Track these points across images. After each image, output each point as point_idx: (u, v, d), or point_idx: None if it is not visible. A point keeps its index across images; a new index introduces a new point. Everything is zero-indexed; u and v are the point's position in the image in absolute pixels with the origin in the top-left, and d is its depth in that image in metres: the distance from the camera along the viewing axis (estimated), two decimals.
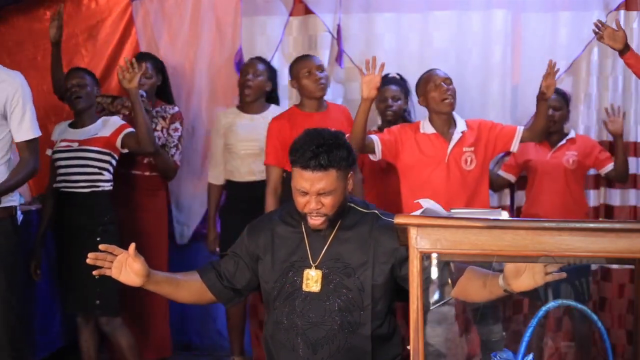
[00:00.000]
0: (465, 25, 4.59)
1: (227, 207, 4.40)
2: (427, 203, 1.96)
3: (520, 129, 3.91)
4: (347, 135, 2.65)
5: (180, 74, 4.77)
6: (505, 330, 3.91)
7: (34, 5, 4.73)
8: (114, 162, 4.04)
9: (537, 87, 4.42)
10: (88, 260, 2.44)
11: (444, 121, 3.86)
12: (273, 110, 4.36)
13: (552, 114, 4.15)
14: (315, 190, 2.46)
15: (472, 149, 3.84)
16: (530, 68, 4.52)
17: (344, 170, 2.50)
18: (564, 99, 4.29)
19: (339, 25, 4.63)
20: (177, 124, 4.38)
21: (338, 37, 4.63)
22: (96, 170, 3.98)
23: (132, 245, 2.44)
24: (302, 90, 4.01)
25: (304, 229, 2.58)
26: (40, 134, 3.48)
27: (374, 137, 3.86)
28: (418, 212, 1.93)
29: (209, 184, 4.49)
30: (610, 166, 4.24)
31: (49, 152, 4.07)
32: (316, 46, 4.61)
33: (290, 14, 4.69)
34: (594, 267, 4.40)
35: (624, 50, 3.77)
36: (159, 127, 4.33)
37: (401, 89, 4.31)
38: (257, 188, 4.17)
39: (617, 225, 1.76)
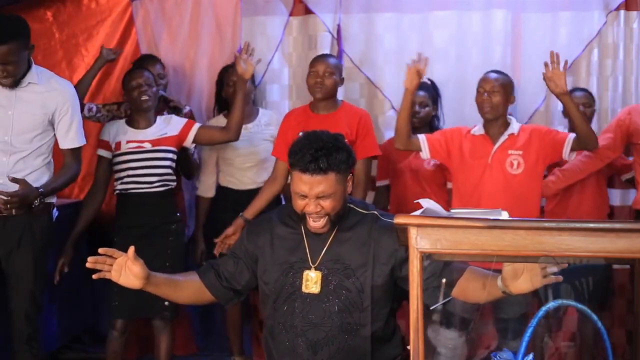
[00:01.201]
0: (465, 25, 4.59)
1: (225, 210, 4.30)
2: (427, 203, 1.96)
3: (571, 137, 3.78)
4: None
5: (180, 74, 4.77)
6: (505, 333, 3.90)
7: (34, 5, 4.73)
8: (175, 157, 4.05)
9: (537, 87, 4.45)
10: (88, 265, 2.44)
11: (494, 124, 3.81)
12: (263, 114, 4.39)
13: (583, 110, 4.02)
14: (314, 194, 2.46)
15: (520, 152, 3.76)
16: (530, 68, 4.52)
17: (344, 173, 2.50)
18: (592, 96, 4.24)
19: (339, 25, 4.63)
20: None
21: (338, 37, 4.63)
22: (169, 170, 4.00)
23: (132, 248, 2.44)
24: (308, 89, 4.00)
25: (303, 230, 2.58)
26: (85, 142, 3.66)
27: (420, 136, 3.89)
28: (418, 212, 1.93)
29: (198, 196, 4.46)
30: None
31: (102, 152, 4.01)
32: (316, 46, 4.61)
33: (290, 14, 4.69)
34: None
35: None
36: None
37: (429, 95, 4.27)
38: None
39: (617, 225, 1.77)
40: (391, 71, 4.56)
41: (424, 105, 4.24)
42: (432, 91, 4.31)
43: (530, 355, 1.89)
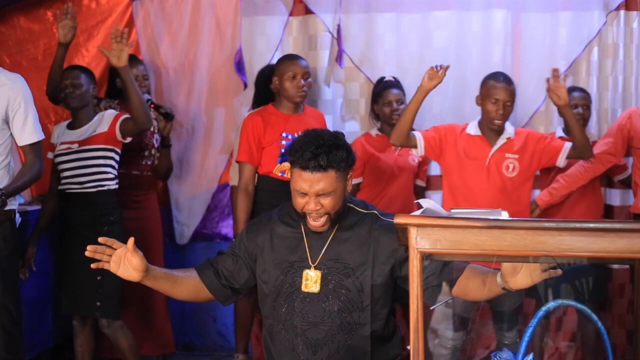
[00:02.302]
0: (465, 25, 4.58)
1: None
2: (427, 203, 1.96)
3: (567, 146, 3.86)
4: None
5: (180, 74, 4.77)
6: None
7: (34, 5, 4.73)
8: (116, 157, 4.00)
9: (537, 87, 4.45)
10: (87, 253, 2.44)
11: (492, 127, 3.85)
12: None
13: (582, 112, 4.12)
14: (314, 191, 2.46)
15: (516, 156, 3.82)
16: (530, 68, 4.52)
17: (344, 171, 2.50)
18: (589, 95, 4.26)
19: (339, 25, 4.62)
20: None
21: (338, 37, 4.63)
22: (100, 169, 3.96)
23: (131, 240, 2.44)
24: (282, 92, 3.98)
25: (303, 230, 2.58)
26: (43, 136, 3.49)
27: (417, 133, 3.89)
28: (418, 212, 1.93)
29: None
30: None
31: (50, 155, 4.03)
32: (316, 46, 4.61)
33: (290, 14, 4.68)
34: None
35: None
36: (155, 129, 4.34)
37: (402, 91, 4.31)
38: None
39: (617, 225, 1.77)
40: (391, 71, 4.55)
41: (400, 103, 4.26)
42: (402, 87, 4.32)
43: (530, 355, 1.89)
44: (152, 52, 4.71)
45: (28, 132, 3.38)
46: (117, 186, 4.02)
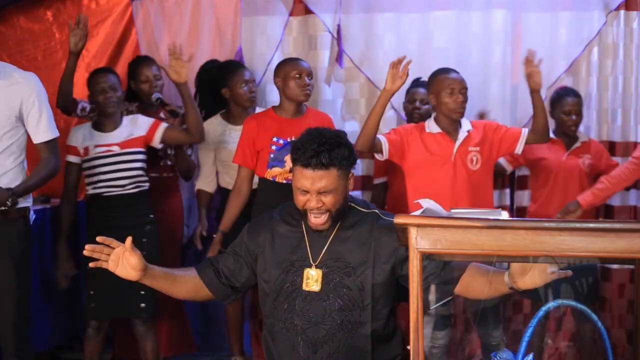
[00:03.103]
0: (465, 25, 4.58)
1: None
2: (427, 203, 1.96)
3: (525, 132, 3.91)
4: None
5: None
6: (505, 333, 3.91)
7: (34, 5, 4.73)
8: (145, 157, 4.04)
9: None
10: (85, 252, 2.44)
11: (451, 121, 3.87)
12: None
13: (575, 119, 4.17)
14: (316, 189, 2.46)
15: (478, 148, 3.85)
16: None
17: (345, 169, 2.50)
18: (582, 100, 4.27)
19: (339, 25, 4.62)
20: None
21: (338, 37, 4.63)
22: (140, 171, 3.99)
23: (129, 239, 2.44)
24: (287, 92, 3.95)
25: (304, 228, 2.58)
26: (58, 134, 3.51)
27: (381, 137, 3.87)
28: (418, 212, 1.93)
29: (199, 190, 4.43)
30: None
31: (71, 158, 3.97)
32: (316, 46, 4.61)
33: (290, 14, 4.68)
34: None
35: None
36: None
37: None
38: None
39: (617, 225, 1.77)
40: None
41: (425, 103, 4.28)
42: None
43: (530, 355, 1.89)
44: (152, 52, 4.70)
45: (43, 129, 3.41)
46: (149, 185, 4.06)
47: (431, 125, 3.89)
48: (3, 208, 3.29)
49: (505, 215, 1.92)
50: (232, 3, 4.70)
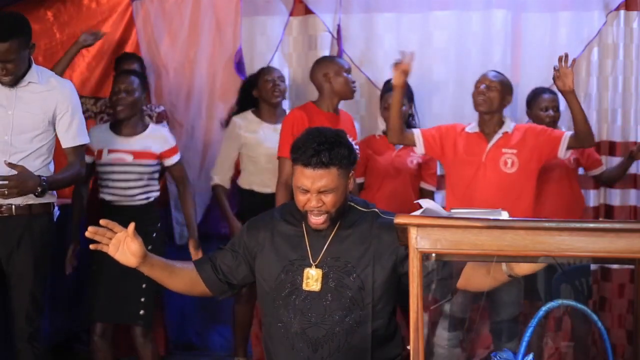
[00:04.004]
0: (465, 25, 4.59)
1: (249, 214, 4.28)
2: (427, 203, 1.96)
3: (567, 135, 3.82)
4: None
5: (180, 74, 4.77)
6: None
7: (34, 5, 4.72)
8: (159, 167, 4.00)
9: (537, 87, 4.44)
10: (87, 234, 2.45)
11: (489, 121, 3.85)
12: None
13: (553, 114, 4.15)
14: (316, 188, 2.46)
15: (514, 151, 3.80)
16: (530, 68, 4.53)
17: (345, 168, 2.50)
18: (558, 98, 4.26)
19: (339, 25, 4.63)
20: (164, 123, 4.39)
21: (338, 37, 4.63)
22: (151, 181, 3.95)
23: (132, 225, 2.45)
24: (335, 87, 3.97)
25: (304, 228, 2.58)
26: (88, 140, 3.60)
27: (416, 131, 3.92)
28: (418, 212, 1.93)
29: (216, 185, 4.38)
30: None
31: (88, 159, 3.92)
32: (316, 46, 4.61)
33: (290, 14, 4.69)
34: (593, 267, 4.41)
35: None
36: (154, 119, 4.33)
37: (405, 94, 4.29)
38: None
39: (617, 225, 1.77)
40: (391, 71, 4.55)
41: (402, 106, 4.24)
42: (407, 91, 4.31)
43: (530, 355, 1.89)
44: (152, 52, 4.71)
45: (72, 135, 3.50)
46: (159, 193, 4.05)
47: (472, 126, 3.90)
48: (35, 194, 3.36)
49: (505, 215, 1.92)
50: (232, 3, 4.70)
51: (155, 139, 3.95)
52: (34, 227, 3.45)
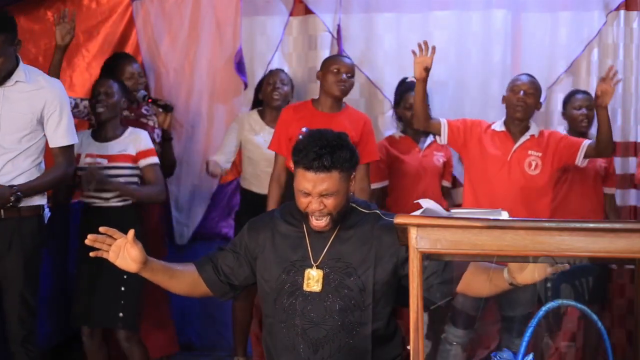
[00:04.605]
0: (465, 25, 4.59)
1: (245, 214, 4.26)
2: (427, 203, 1.96)
3: (585, 143, 3.86)
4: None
5: (180, 74, 4.77)
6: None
7: (34, 5, 4.72)
8: (137, 172, 3.95)
9: None
10: (87, 242, 2.45)
11: (517, 125, 3.87)
12: None
13: (587, 113, 4.15)
14: (317, 192, 2.46)
15: (540, 154, 3.83)
16: (530, 68, 4.51)
17: (347, 171, 2.50)
18: (591, 97, 4.27)
19: (339, 25, 4.63)
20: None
21: (338, 37, 4.63)
22: (127, 181, 3.91)
23: (131, 232, 2.45)
24: (324, 85, 3.98)
25: (305, 229, 2.58)
26: (76, 141, 3.57)
27: (443, 120, 3.92)
28: (418, 212, 1.93)
29: (213, 161, 4.39)
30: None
31: None
32: (316, 46, 4.61)
33: (290, 14, 4.69)
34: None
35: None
36: (155, 124, 4.32)
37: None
38: None
39: (617, 225, 1.77)
40: (391, 71, 4.56)
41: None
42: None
43: (530, 355, 1.89)
44: (152, 52, 4.71)
45: (60, 134, 3.46)
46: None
47: (498, 124, 3.91)
48: (9, 204, 3.33)
49: (505, 215, 1.92)
50: (232, 3, 4.70)
51: (132, 141, 3.92)
52: (24, 229, 3.42)
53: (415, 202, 1.99)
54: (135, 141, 3.92)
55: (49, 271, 4.10)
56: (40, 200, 3.48)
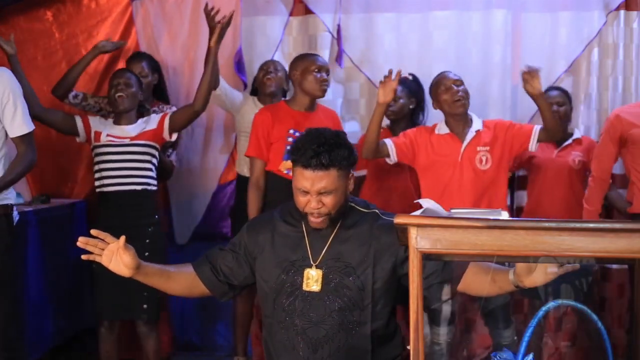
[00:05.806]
0: (465, 25, 4.59)
1: (239, 208, 4.31)
2: (427, 203, 1.96)
3: (537, 128, 3.87)
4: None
5: (180, 74, 4.77)
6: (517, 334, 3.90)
7: (34, 5, 4.72)
8: (157, 157, 4.02)
9: None
10: (79, 244, 2.44)
11: (459, 122, 3.87)
12: None
13: (556, 109, 4.12)
14: (316, 190, 2.46)
15: (487, 148, 3.84)
16: None
17: (345, 169, 2.50)
18: (567, 95, 4.27)
19: (339, 25, 4.63)
20: None
21: (338, 37, 4.63)
22: (148, 171, 3.95)
23: (123, 238, 2.45)
24: (305, 85, 3.96)
25: (304, 228, 2.58)
26: (34, 127, 3.50)
27: (387, 141, 3.89)
28: (418, 212, 1.93)
29: (241, 175, 4.40)
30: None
31: (78, 120, 4.00)
32: (316, 46, 4.61)
33: (290, 14, 4.69)
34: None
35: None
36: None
37: (404, 88, 4.26)
38: None
39: (617, 225, 1.77)
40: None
41: (396, 99, 4.20)
42: (410, 85, 4.30)
43: (530, 355, 1.89)
44: (152, 52, 4.70)
45: (18, 123, 3.41)
46: (157, 188, 4.04)
47: (441, 127, 3.90)
48: None
49: (505, 215, 1.92)
50: (232, 3, 4.69)
51: (149, 121, 4.01)
52: None
53: (415, 202, 1.99)
54: (150, 119, 4.02)
55: (48, 271, 4.10)
56: (8, 199, 3.39)
